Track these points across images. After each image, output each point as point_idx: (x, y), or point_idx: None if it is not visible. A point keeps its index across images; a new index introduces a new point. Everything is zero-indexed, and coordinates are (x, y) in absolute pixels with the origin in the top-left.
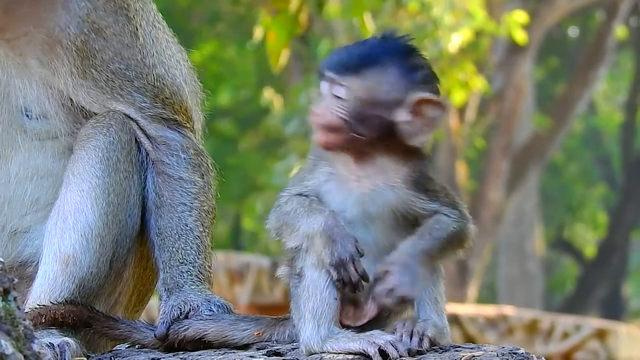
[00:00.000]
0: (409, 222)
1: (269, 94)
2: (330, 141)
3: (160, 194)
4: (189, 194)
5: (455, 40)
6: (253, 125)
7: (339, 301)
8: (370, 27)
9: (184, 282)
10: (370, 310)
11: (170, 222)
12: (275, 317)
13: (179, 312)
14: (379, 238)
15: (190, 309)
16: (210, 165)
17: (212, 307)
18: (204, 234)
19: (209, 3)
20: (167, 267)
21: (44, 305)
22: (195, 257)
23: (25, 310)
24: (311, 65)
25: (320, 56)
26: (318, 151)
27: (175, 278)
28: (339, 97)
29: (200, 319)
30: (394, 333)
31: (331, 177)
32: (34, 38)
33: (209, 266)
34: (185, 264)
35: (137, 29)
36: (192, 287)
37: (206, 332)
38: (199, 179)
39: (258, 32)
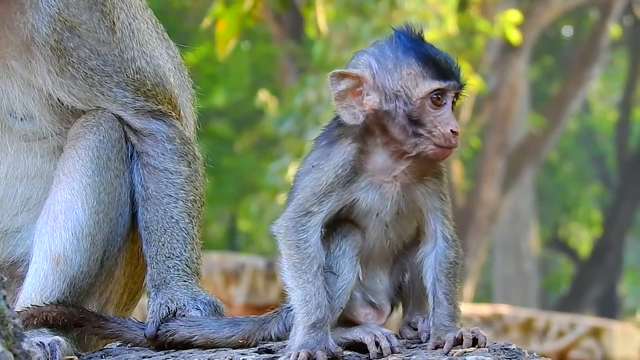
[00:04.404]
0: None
1: (264, 96)
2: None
3: (146, 187)
4: (174, 184)
5: None
6: (248, 126)
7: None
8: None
9: (171, 277)
10: (387, 309)
11: (156, 215)
12: (260, 317)
13: (166, 311)
14: (405, 231)
15: (177, 308)
16: (197, 153)
17: (199, 305)
18: (190, 225)
19: (202, 4)
20: (154, 263)
21: (35, 305)
22: (182, 250)
23: (17, 310)
24: (305, 65)
25: (315, 57)
26: (349, 161)
27: (162, 274)
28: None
29: (185, 325)
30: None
31: (370, 183)
32: (11, 39)
33: (196, 258)
34: (172, 258)
35: (113, 24)
36: (179, 283)
37: (192, 339)
38: (185, 168)
39: (207, 20)
